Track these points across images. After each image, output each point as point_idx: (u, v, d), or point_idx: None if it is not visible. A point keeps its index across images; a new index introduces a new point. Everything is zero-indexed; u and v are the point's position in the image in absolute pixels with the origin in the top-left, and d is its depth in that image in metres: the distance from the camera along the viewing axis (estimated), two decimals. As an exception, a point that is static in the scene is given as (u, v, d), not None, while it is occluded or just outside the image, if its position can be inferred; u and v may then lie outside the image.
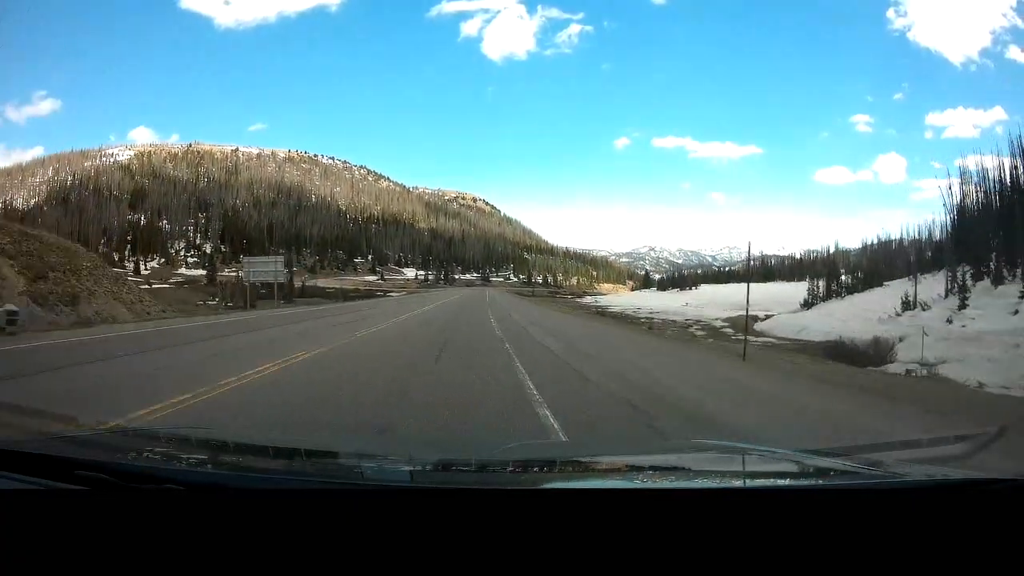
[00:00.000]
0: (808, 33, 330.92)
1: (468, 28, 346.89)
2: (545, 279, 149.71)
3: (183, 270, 78.14)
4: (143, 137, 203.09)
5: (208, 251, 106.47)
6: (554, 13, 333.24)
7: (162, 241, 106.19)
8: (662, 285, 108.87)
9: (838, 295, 38.43)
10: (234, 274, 62.76)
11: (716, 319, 25.59)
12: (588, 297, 73.08)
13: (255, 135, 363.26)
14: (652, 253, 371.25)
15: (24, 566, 0.87)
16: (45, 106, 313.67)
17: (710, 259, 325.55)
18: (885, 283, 38.72)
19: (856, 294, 37.33)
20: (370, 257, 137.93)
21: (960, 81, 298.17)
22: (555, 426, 4.42)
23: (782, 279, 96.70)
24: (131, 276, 57.94)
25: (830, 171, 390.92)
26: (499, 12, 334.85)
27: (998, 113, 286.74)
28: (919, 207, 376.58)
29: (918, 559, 0.89)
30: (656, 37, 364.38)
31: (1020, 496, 1.04)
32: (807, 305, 38.19)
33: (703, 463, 1.70)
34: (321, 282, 75.40)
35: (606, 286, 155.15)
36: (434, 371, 7.23)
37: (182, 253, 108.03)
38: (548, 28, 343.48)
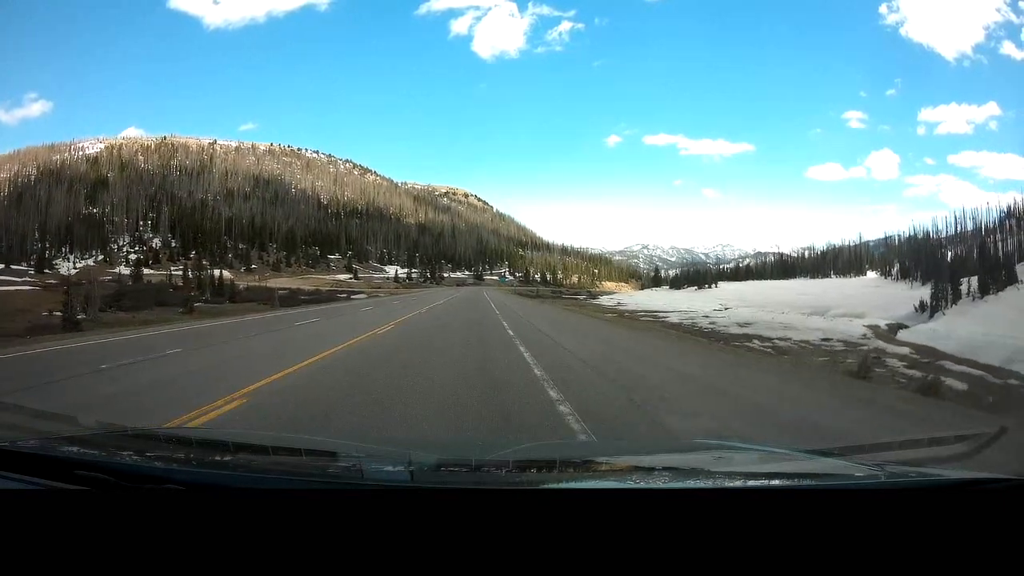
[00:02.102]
0: (800, 29, 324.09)
1: (458, 26, 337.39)
2: (544, 277, 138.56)
3: (122, 268, 65.95)
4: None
5: (156, 246, 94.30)
6: (545, 11, 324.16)
7: (103, 236, 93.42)
8: (675, 283, 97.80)
9: (960, 297, 27.94)
10: (165, 273, 51.91)
11: (856, 333, 14.76)
12: (604, 297, 61.82)
13: (245, 134, 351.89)
14: (645, 251, 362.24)
15: (24, 566, 0.87)
16: (36, 108, 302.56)
17: (703, 256, 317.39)
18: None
19: (997, 293, 27.13)
20: (348, 254, 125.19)
21: (953, 77, 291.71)
22: None
23: (804, 275, 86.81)
24: (27, 277, 47.06)
25: (823, 168, 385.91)
26: (489, 9, 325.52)
27: (992, 109, 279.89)
28: (912, 203, 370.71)
29: (918, 559, 0.88)
30: (647, 34, 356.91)
31: (1019, 496, 1.03)
32: (925, 309, 27.48)
33: (703, 463, 1.67)
34: (281, 281, 63.92)
35: (608, 284, 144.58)
36: None
37: (125, 249, 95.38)
38: (539, 26, 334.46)
